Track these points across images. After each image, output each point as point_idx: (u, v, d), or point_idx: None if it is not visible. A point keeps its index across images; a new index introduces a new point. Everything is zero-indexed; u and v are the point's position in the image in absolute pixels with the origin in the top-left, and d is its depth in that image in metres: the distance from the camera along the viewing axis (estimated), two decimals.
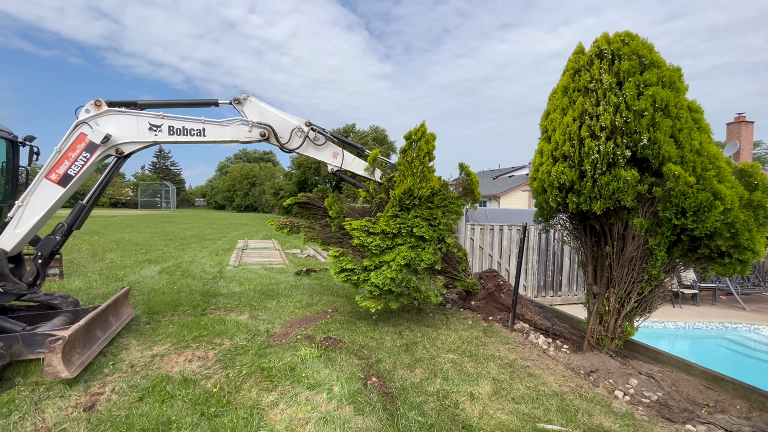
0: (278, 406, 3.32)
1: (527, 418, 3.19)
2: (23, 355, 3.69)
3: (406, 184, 4.90)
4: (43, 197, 4.00)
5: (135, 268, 9.26)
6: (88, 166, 4.11)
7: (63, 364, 3.31)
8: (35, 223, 3.97)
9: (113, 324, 4.55)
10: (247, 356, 4.29)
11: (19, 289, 3.98)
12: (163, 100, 4.58)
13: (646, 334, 8.94)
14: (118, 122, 4.21)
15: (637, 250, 3.88)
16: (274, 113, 4.83)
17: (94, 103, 4.14)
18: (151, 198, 60.76)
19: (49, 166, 3.99)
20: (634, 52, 3.73)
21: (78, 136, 4.05)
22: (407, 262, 4.89)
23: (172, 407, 3.21)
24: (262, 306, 6.37)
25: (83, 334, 3.78)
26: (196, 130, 4.46)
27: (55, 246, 4.25)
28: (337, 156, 5.17)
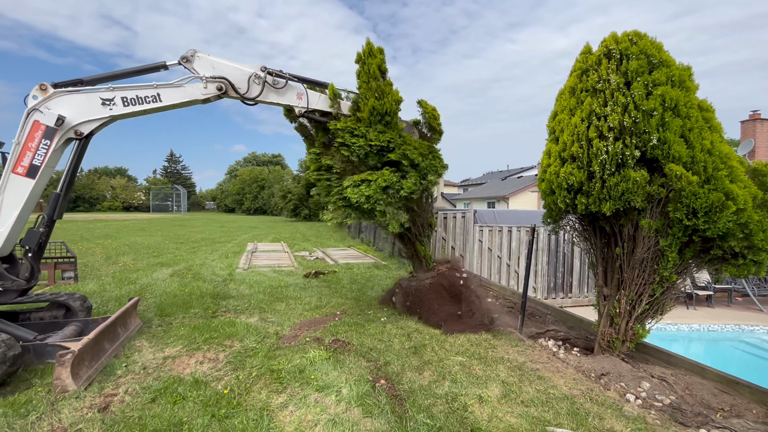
0: (287, 407, 3.35)
1: (537, 422, 3.16)
2: (33, 364, 3.77)
3: (370, 104, 4.83)
4: (16, 192, 3.93)
5: (147, 271, 9.41)
6: (51, 153, 3.99)
7: (71, 378, 3.38)
8: (15, 219, 3.93)
9: (121, 335, 4.60)
10: (256, 358, 4.33)
11: (18, 286, 4.04)
12: (110, 72, 4.44)
13: (658, 336, 8.79)
14: (68, 103, 4.07)
15: (647, 252, 3.84)
16: (227, 64, 4.63)
17: (39, 87, 3.98)
18: (163, 202, 61.68)
19: (13, 160, 3.90)
20: (643, 51, 3.69)
21: (33, 124, 3.93)
22: (387, 185, 4.88)
23: (184, 408, 3.26)
24: (272, 308, 6.43)
25: (92, 347, 3.83)
26: (150, 97, 4.32)
27: (41, 237, 4.20)
28: (301, 96, 4.94)
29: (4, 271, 4.01)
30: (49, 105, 3.97)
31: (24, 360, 3.73)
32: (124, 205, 59.54)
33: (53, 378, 3.41)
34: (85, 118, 4.11)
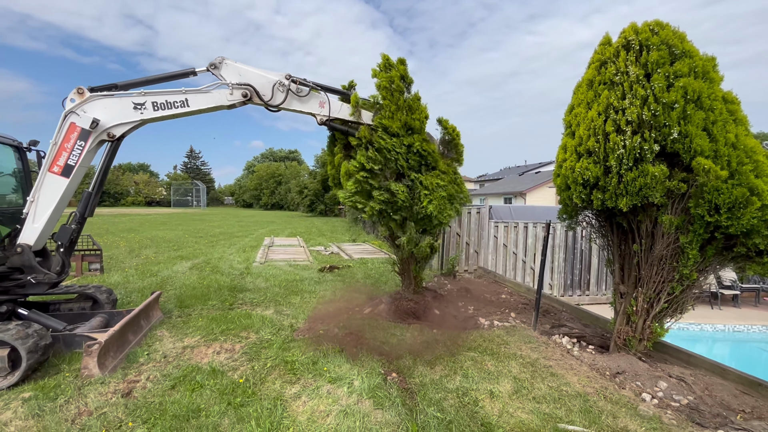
0: (301, 398, 3.42)
1: (548, 418, 3.15)
2: (63, 353, 3.96)
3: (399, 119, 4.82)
4: (51, 190, 4.12)
5: (168, 263, 9.70)
6: (86, 154, 4.17)
7: (98, 367, 3.57)
8: (50, 215, 4.13)
9: (144, 328, 4.81)
10: (271, 349, 4.44)
11: (49, 279, 4.24)
12: (143, 78, 4.58)
13: (680, 336, 8.55)
14: (103, 106, 4.24)
15: (667, 249, 3.74)
16: (253, 72, 4.68)
17: (76, 91, 4.16)
18: (183, 197, 63.21)
19: (50, 160, 4.09)
20: (664, 42, 3.58)
21: (69, 126, 4.12)
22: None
23: (202, 396, 3.38)
24: (287, 301, 6.55)
25: (117, 338, 4.03)
26: (179, 102, 4.45)
27: (72, 234, 4.41)
28: (323, 105, 4.93)
29: (37, 264, 4.21)
30: (85, 108, 4.16)
31: (54, 348, 3.93)
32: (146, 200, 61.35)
33: (81, 366, 3.59)
34: (117, 121, 4.29)
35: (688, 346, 4.35)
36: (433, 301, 5.74)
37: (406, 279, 5.87)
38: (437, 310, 5.51)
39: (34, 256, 4.19)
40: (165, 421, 2.98)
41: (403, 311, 5.56)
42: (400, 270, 5.91)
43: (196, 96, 4.48)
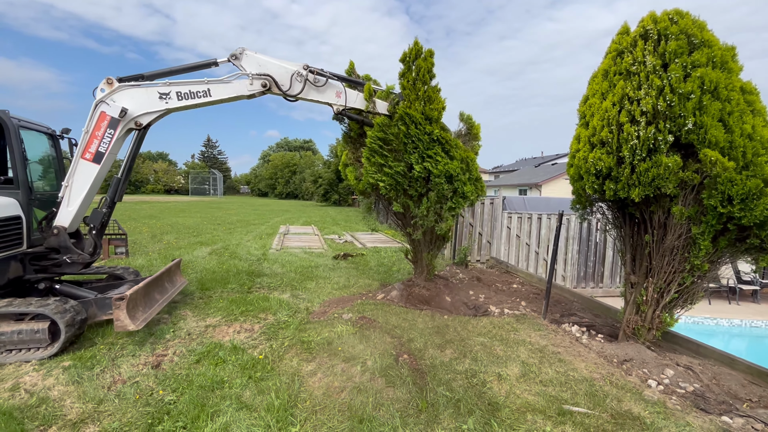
0: (317, 375, 3.62)
1: (554, 400, 3.26)
2: (97, 316, 4.24)
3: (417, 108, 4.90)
4: (83, 175, 4.37)
5: (188, 249, 10.07)
6: (115, 141, 4.38)
7: (129, 318, 3.87)
8: (83, 199, 4.38)
9: (169, 290, 5.18)
10: (288, 330, 4.65)
11: (83, 259, 4.53)
12: (167, 68, 4.74)
13: (695, 330, 8.50)
14: (131, 96, 4.41)
15: (678, 239, 3.76)
16: (272, 62, 4.79)
17: (106, 81, 4.36)
18: (201, 185, 64.43)
19: (82, 147, 4.32)
20: (683, 31, 3.55)
21: (99, 114, 4.32)
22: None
23: (224, 370, 3.60)
24: (302, 286, 6.77)
25: (143, 295, 4.37)
26: (201, 92, 4.59)
27: (103, 217, 4.69)
28: (340, 95, 5.02)
29: (71, 245, 4.49)
30: (114, 98, 4.36)
31: (89, 313, 4.20)
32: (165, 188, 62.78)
33: (114, 320, 3.87)
34: (144, 110, 4.48)
35: (704, 341, 4.32)
36: (445, 289, 5.86)
37: (419, 266, 6.00)
38: (448, 297, 5.63)
39: (68, 238, 4.46)
40: (192, 390, 3.21)
41: (416, 298, 5.71)
42: (413, 258, 6.04)
43: (217, 86, 4.63)
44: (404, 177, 5.02)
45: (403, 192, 5.16)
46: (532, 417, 3.03)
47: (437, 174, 4.95)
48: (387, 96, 5.12)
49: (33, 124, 4.66)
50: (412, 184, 5.08)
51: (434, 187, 5.04)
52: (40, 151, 4.93)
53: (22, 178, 4.22)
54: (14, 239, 4.11)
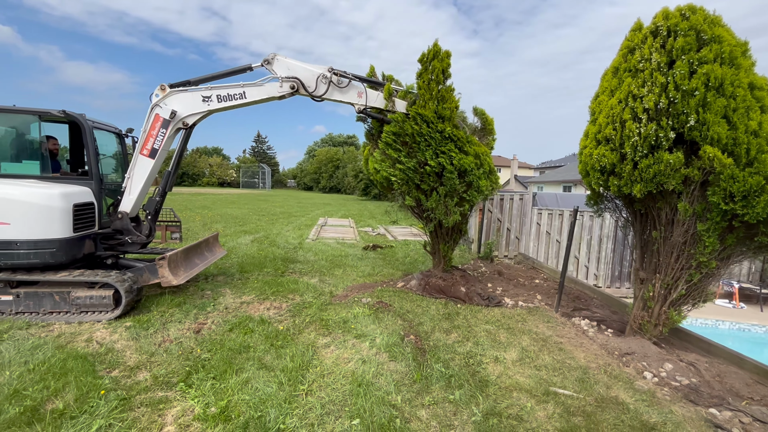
0: (329, 347, 4.08)
1: (543, 382, 3.47)
2: (150, 280, 4.99)
3: (431, 107, 5.15)
4: (142, 168, 5.12)
5: (234, 236, 11.02)
6: (167, 139, 5.09)
7: (171, 274, 4.74)
8: (141, 188, 5.15)
9: (208, 257, 6.10)
10: (311, 309, 5.17)
11: (141, 240, 5.34)
12: (209, 74, 5.32)
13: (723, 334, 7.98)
14: (179, 100, 5.06)
15: (686, 236, 3.77)
16: (300, 66, 5.21)
17: (159, 87, 5.06)
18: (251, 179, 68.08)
19: (140, 144, 5.07)
20: (693, 27, 3.54)
21: (154, 116, 5.05)
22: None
23: (252, 337, 4.17)
24: (330, 273, 7.30)
25: (183, 258, 5.25)
26: (238, 94, 5.12)
27: (157, 205, 5.52)
28: (361, 95, 5.37)
29: (132, 228, 5.30)
30: (166, 101, 5.08)
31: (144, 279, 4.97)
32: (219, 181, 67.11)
33: (160, 277, 4.75)
34: (190, 112, 5.16)
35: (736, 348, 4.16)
36: (461, 280, 6.10)
37: (437, 258, 6.29)
38: (463, 288, 5.87)
39: (130, 222, 5.28)
40: (223, 351, 3.80)
41: (432, 287, 6.01)
42: (431, 249, 6.34)
43: (252, 89, 5.19)
44: (416, 172, 5.31)
45: (415, 187, 5.46)
46: (518, 395, 3.27)
47: (450, 170, 5.19)
48: (405, 96, 5.44)
49: (104, 125, 5.52)
50: (425, 179, 5.35)
51: (446, 182, 5.28)
52: (109, 147, 5.81)
53: (95, 171, 5.04)
54: (88, 221, 4.94)
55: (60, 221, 4.45)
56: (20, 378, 3.12)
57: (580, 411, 3.05)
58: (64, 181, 4.92)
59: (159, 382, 3.22)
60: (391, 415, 2.89)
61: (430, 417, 2.93)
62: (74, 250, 4.65)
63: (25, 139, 5.08)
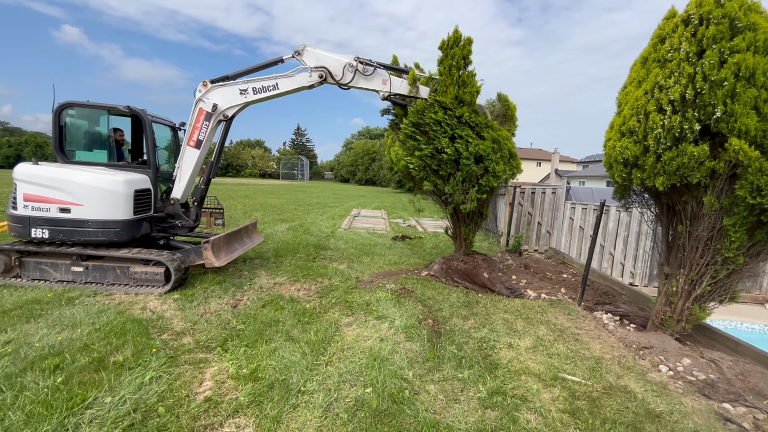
0: (351, 326, 4.38)
1: (552, 369, 3.57)
2: (196, 261, 5.54)
3: (451, 92, 5.24)
4: (189, 158, 5.63)
5: (271, 224, 11.67)
6: (210, 131, 5.55)
7: (214, 257, 5.27)
8: (189, 177, 5.67)
9: (247, 243, 6.63)
10: (337, 292, 5.50)
11: (189, 224, 5.91)
12: (245, 69, 5.66)
13: None
14: (220, 94, 5.49)
15: (712, 231, 3.68)
16: (328, 56, 5.46)
17: (202, 84, 5.52)
18: (290, 170, 70.32)
19: (187, 136, 5.58)
20: (727, 15, 3.42)
21: (198, 110, 5.52)
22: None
23: (281, 314, 4.57)
24: (358, 260, 7.63)
25: (224, 243, 5.77)
26: (271, 86, 5.47)
27: (202, 192, 6.05)
28: (386, 82, 5.57)
29: (182, 213, 5.88)
30: (208, 96, 5.54)
31: (190, 260, 5.53)
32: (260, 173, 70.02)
33: (204, 259, 5.32)
34: (229, 105, 5.60)
35: None
36: (483, 263, 6.15)
37: (458, 241, 6.42)
38: (486, 273, 5.96)
39: (180, 207, 5.85)
40: (256, 324, 4.21)
41: (454, 271, 6.14)
42: (453, 234, 6.47)
43: (283, 80, 5.54)
44: (432, 158, 5.42)
45: (433, 172, 5.57)
46: (526, 378, 3.41)
47: (466, 156, 5.25)
48: (428, 82, 5.56)
49: (161, 119, 6.12)
50: (442, 166, 5.46)
51: (462, 168, 5.35)
52: (164, 139, 6.43)
53: (152, 161, 5.64)
54: (146, 205, 5.55)
55: (123, 204, 5.06)
56: (89, 335, 3.68)
57: (586, 396, 3.14)
58: (127, 169, 5.55)
59: (200, 345, 3.67)
60: (401, 386, 3.14)
61: (437, 391, 3.15)
62: (133, 230, 5.26)
63: (96, 131, 5.77)
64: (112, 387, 2.87)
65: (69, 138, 5.55)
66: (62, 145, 5.41)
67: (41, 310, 4.20)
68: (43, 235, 4.95)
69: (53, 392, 2.74)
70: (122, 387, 2.88)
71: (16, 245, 5.08)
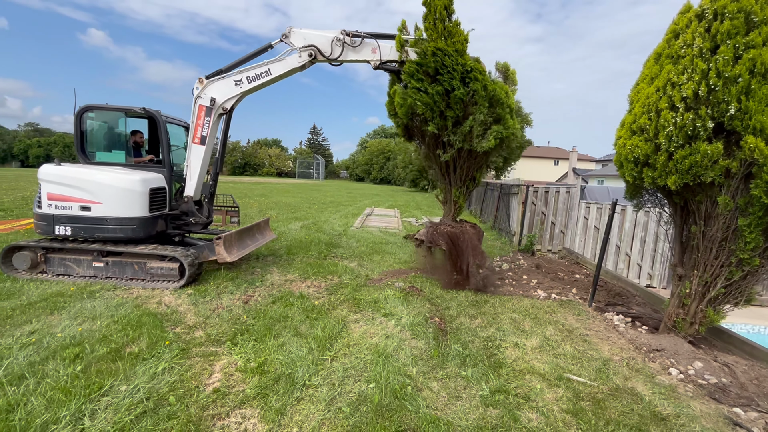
0: (358, 323, 4.45)
1: (558, 369, 3.55)
2: (209, 257, 5.70)
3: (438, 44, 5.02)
4: (196, 155, 5.74)
5: (285, 222, 11.86)
6: (212, 126, 5.64)
7: (226, 252, 5.41)
8: (199, 173, 5.81)
9: (259, 240, 6.76)
10: (346, 289, 5.58)
11: (202, 221, 6.07)
12: (237, 60, 5.69)
13: None
14: (216, 88, 5.54)
15: (726, 231, 3.58)
16: (315, 33, 5.41)
17: (198, 81, 5.59)
18: (306, 169, 71.02)
19: (191, 134, 5.68)
20: (742, 9, 3.32)
21: (198, 107, 5.61)
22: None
23: (291, 309, 4.66)
24: (369, 258, 7.69)
25: (236, 239, 5.93)
26: (264, 72, 5.47)
27: (211, 188, 6.18)
28: (375, 51, 5.45)
29: (195, 211, 6.05)
30: (205, 92, 5.63)
31: (204, 255, 5.69)
32: (277, 172, 70.94)
33: (216, 254, 5.47)
34: (226, 97, 5.67)
35: None
36: (471, 229, 5.93)
37: (447, 206, 6.20)
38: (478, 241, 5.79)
39: (193, 205, 6.02)
40: (265, 319, 4.32)
41: (440, 234, 5.90)
42: (444, 198, 6.29)
43: (275, 65, 5.55)
44: (442, 98, 5.15)
45: (439, 114, 5.27)
46: (530, 377, 3.40)
47: (482, 95, 5.10)
48: (416, 43, 5.32)
49: (175, 120, 6.30)
50: (452, 106, 5.19)
51: (475, 111, 5.17)
52: (178, 139, 6.62)
53: (167, 160, 5.82)
54: (161, 203, 5.74)
55: (139, 202, 5.26)
56: (107, 327, 3.85)
57: (590, 397, 3.11)
58: (143, 168, 5.75)
59: (211, 339, 3.79)
60: (404, 382, 3.18)
61: (440, 388, 3.18)
62: (149, 227, 5.45)
63: (115, 132, 6.00)
64: (127, 376, 3.01)
65: (89, 139, 5.78)
66: (84, 147, 5.65)
67: (64, 302, 4.42)
68: (66, 232, 5.18)
69: (72, 380, 2.89)
70: (136, 376, 3.01)
71: (42, 242, 5.34)
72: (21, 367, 3.01)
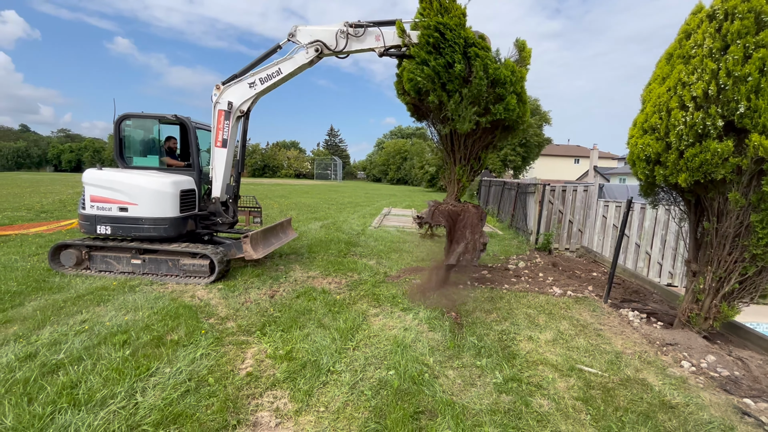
0: (378, 316, 4.67)
1: (570, 360, 3.68)
2: (236, 254, 6.04)
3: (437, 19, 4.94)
4: (218, 158, 6.04)
5: (305, 222, 12.22)
6: (231, 129, 5.92)
7: (252, 249, 5.74)
8: (222, 176, 6.12)
9: (282, 238, 7.11)
10: (366, 285, 5.82)
11: (228, 221, 6.41)
12: (249, 63, 5.90)
13: None
14: (233, 92, 5.78)
15: (739, 227, 3.64)
16: (319, 29, 5.52)
17: (216, 87, 5.87)
18: (324, 171, 71.88)
19: (213, 138, 5.99)
20: (753, 9, 3.38)
21: (218, 112, 5.90)
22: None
23: (314, 303, 4.93)
24: (387, 256, 7.92)
25: (262, 238, 6.27)
26: (275, 71, 5.65)
27: (235, 189, 6.48)
28: (379, 38, 5.48)
29: (221, 211, 6.41)
30: (223, 97, 5.92)
31: (231, 253, 6.04)
32: (295, 173, 72.10)
33: (243, 252, 5.81)
34: (242, 100, 5.94)
35: None
36: (473, 209, 5.89)
37: (451, 186, 6.11)
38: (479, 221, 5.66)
39: (220, 206, 6.39)
40: (290, 312, 4.60)
41: (440, 212, 5.86)
42: (448, 179, 6.26)
43: (284, 63, 5.76)
44: (445, 70, 5.05)
45: (441, 86, 5.17)
46: (543, 368, 3.55)
47: (481, 76, 4.99)
48: (416, 26, 5.31)
49: (203, 125, 6.69)
50: (452, 80, 5.09)
51: (474, 88, 5.05)
52: (206, 143, 7.01)
53: (196, 164, 6.20)
54: (191, 204, 6.13)
55: (171, 203, 5.64)
56: (149, 317, 4.21)
57: (601, 386, 3.24)
58: (174, 171, 6.15)
59: (242, 329, 4.09)
60: (421, 370, 3.38)
61: (456, 376, 3.37)
62: (180, 226, 5.83)
63: (149, 138, 6.42)
64: (170, 360, 3.33)
65: (127, 145, 6.22)
66: (122, 152, 6.08)
67: (108, 296, 4.81)
68: (107, 231, 5.61)
69: (123, 362, 3.22)
70: (178, 360, 3.33)
71: (86, 241, 5.79)
72: (78, 351, 3.37)
